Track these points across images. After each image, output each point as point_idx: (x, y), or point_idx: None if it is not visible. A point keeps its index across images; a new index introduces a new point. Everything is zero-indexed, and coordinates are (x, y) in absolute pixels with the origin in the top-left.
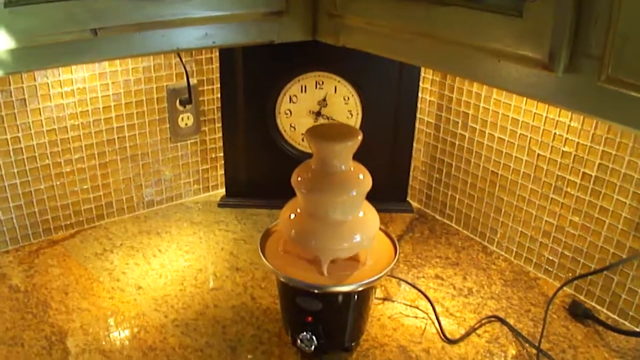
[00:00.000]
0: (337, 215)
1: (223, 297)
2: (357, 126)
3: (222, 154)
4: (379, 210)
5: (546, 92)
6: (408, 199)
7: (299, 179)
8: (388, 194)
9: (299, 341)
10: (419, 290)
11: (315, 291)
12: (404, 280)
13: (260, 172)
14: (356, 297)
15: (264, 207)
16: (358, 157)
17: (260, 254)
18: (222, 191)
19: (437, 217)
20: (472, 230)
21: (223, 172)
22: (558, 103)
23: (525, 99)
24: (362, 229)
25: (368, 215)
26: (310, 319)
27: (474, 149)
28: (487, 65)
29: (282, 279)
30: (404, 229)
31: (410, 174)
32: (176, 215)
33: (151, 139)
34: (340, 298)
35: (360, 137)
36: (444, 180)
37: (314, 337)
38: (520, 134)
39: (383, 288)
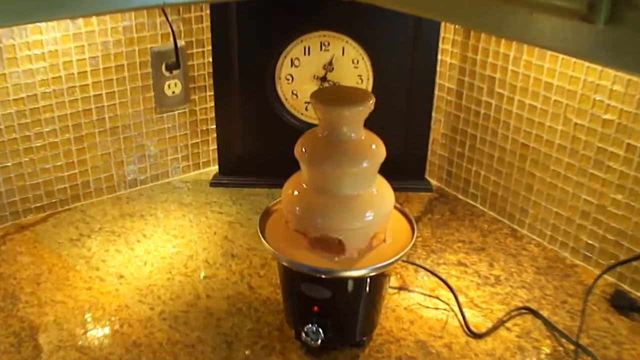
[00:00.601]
0: (347, 189)
1: (217, 286)
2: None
3: (214, 126)
4: (393, 189)
5: (584, 46)
6: (426, 176)
7: (303, 149)
8: (403, 171)
9: (303, 334)
10: (440, 278)
11: (323, 276)
12: (422, 267)
13: (258, 146)
14: (369, 284)
15: (262, 186)
16: (369, 128)
17: (260, 235)
18: (214, 168)
19: (460, 196)
20: (499, 211)
21: (215, 146)
22: (598, 59)
23: (560, 60)
24: (376, 205)
25: (382, 191)
26: (316, 309)
27: (501, 118)
28: (518, 19)
29: (284, 263)
30: (422, 209)
31: (429, 147)
32: (162, 196)
33: (133, 110)
34: (350, 285)
35: (372, 101)
36: (467, 155)
37: (320, 330)
38: (555, 100)
39: (399, 276)
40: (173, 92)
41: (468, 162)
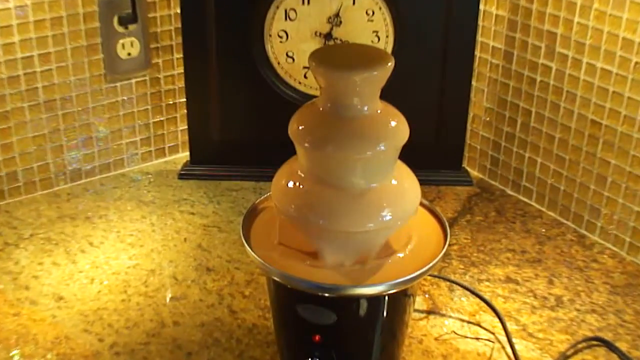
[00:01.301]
0: (358, 180)
1: (187, 310)
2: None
3: (184, 100)
4: (421, 182)
5: None
6: (464, 165)
7: (301, 127)
8: (434, 158)
9: None
10: (482, 299)
11: (326, 295)
12: (458, 284)
13: (241, 125)
14: (386, 305)
15: (247, 178)
16: (387, 100)
17: (244, 243)
18: (184, 155)
19: (509, 191)
20: (561, 211)
21: (186, 126)
22: None
23: None
24: (395, 201)
25: (404, 183)
26: (318, 338)
27: (564, 87)
28: None
29: (276, 279)
30: (458, 208)
31: (468, 127)
32: (115, 192)
33: (76, 77)
34: (362, 306)
35: (391, 64)
36: (519, 136)
37: None
38: (637, 63)
39: (427, 295)
40: (129, 54)
41: (520, 146)
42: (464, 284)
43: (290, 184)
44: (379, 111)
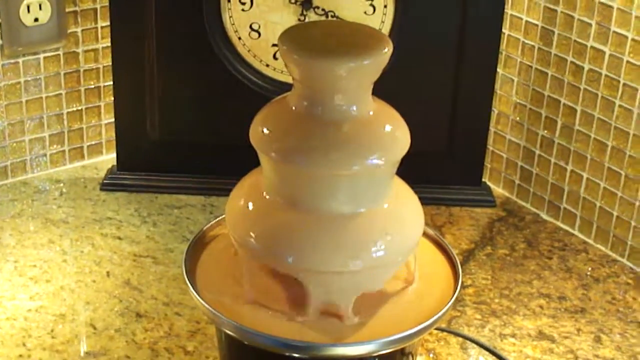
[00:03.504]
0: (342, 203)
1: None
2: (385, 34)
3: (110, 83)
4: (427, 201)
5: None
6: (485, 179)
7: (267, 131)
8: (445, 171)
9: None
10: None
11: (295, 356)
12: (473, 341)
13: (187, 121)
14: None
15: (193, 192)
16: (383, 99)
17: (187, 283)
18: (109, 158)
19: (544, 216)
20: (614, 244)
21: (112, 119)
22: None
23: None
24: (391, 230)
25: (402, 207)
26: None
27: (621, 79)
28: None
29: (228, 332)
30: (476, 238)
31: (491, 130)
32: (14, 206)
33: None
34: None
35: (388, 50)
36: (559, 143)
37: None
38: None
39: (432, 355)
40: (36, 20)
41: (560, 156)
42: (481, 341)
43: (251, 206)
44: (371, 113)
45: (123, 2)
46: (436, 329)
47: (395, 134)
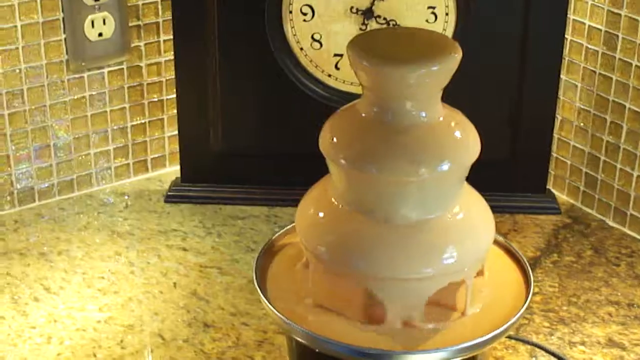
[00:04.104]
0: (412, 210)
1: None
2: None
3: (173, 96)
4: (491, 208)
5: None
6: (549, 186)
7: (336, 139)
8: (509, 178)
9: None
10: None
11: None
12: (542, 348)
13: (250, 132)
14: None
15: (257, 202)
16: (450, 104)
17: (258, 291)
18: (173, 170)
19: (610, 222)
20: None
21: (176, 132)
22: None
23: None
24: (462, 239)
25: (473, 213)
26: None
27: None
28: None
29: (301, 340)
30: (541, 245)
31: (555, 136)
32: (80, 219)
33: (27, 65)
34: None
35: (458, 55)
36: (625, 148)
37: None
38: None
39: None
40: (100, 35)
41: (626, 162)
42: (550, 349)
43: (321, 215)
44: (440, 118)
45: (186, 16)
46: (507, 337)
47: (465, 140)
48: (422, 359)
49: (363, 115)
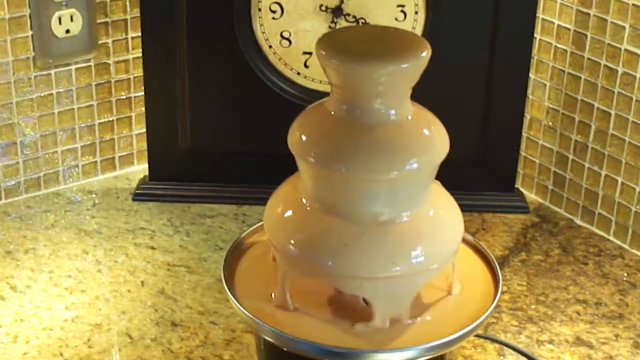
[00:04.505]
0: (380, 208)
1: None
2: None
3: (141, 93)
4: (460, 208)
5: None
6: (518, 185)
7: (304, 137)
8: (478, 177)
9: None
10: None
11: None
12: (510, 347)
13: (219, 130)
14: None
15: (226, 201)
16: (419, 101)
17: (227, 292)
18: (141, 168)
19: (578, 221)
20: None
21: (144, 130)
22: None
23: None
24: (431, 237)
25: (442, 212)
26: None
27: None
28: None
29: (270, 340)
30: (510, 244)
31: (524, 135)
32: (47, 217)
33: None
34: None
35: (427, 54)
36: (593, 147)
37: None
38: None
39: None
40: (67, 32)
41: (594, 161)
42: (518, 347)
43: (290, 213)
44: (409, 117)
45: (154, 13)
46: (475, 335)
47: (434, 139)
48: (389, 357)
49: (332, 113)
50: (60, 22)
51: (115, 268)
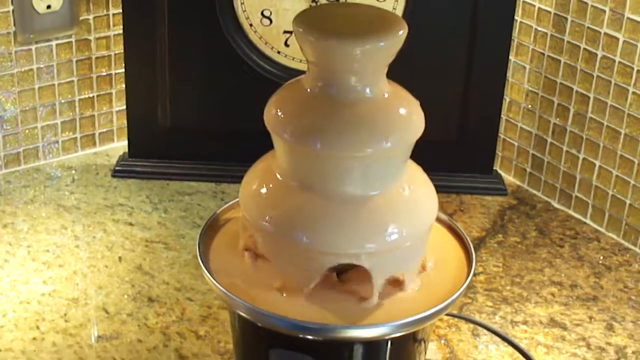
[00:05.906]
0: (356, 186)
1: (121, 355)
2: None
3: (121, 70)
4: (437, 188)
5: None
6: (496, 167)
7: (280, 114)
8: (456, 158)
9: None
10: (516, 348)
11: (309, 338)
12: (485, 327)
13: (198, 108)
14: (388, 353)
15: (204, 178)
16: (398, 81)
17: (201, 265)
18: (121, 145)
19: (555, 204)
20: (626, 232)
21: (124, 106)
22: None
23: None
24: (405, 215)
25: (416, 190)
26: None
27: (635, 65)
28: None
29: (242, 314)
30: (487, 226)
31: (502, 118)
32: (26, 192)
33: None
34: (356, 354)
35: (403, 32)
36: (572, 131)
37: None
38: None
39: (443, 342)
40: (48, 7)
41: (572, 144)
42: (492, 328)
43: (265, 190)
44: (385, 95)
45: None
46: (448, 315)
47: (409, 117)
48: (362, 333)
49: (308, 90)
50: None
51: (94, 243)
